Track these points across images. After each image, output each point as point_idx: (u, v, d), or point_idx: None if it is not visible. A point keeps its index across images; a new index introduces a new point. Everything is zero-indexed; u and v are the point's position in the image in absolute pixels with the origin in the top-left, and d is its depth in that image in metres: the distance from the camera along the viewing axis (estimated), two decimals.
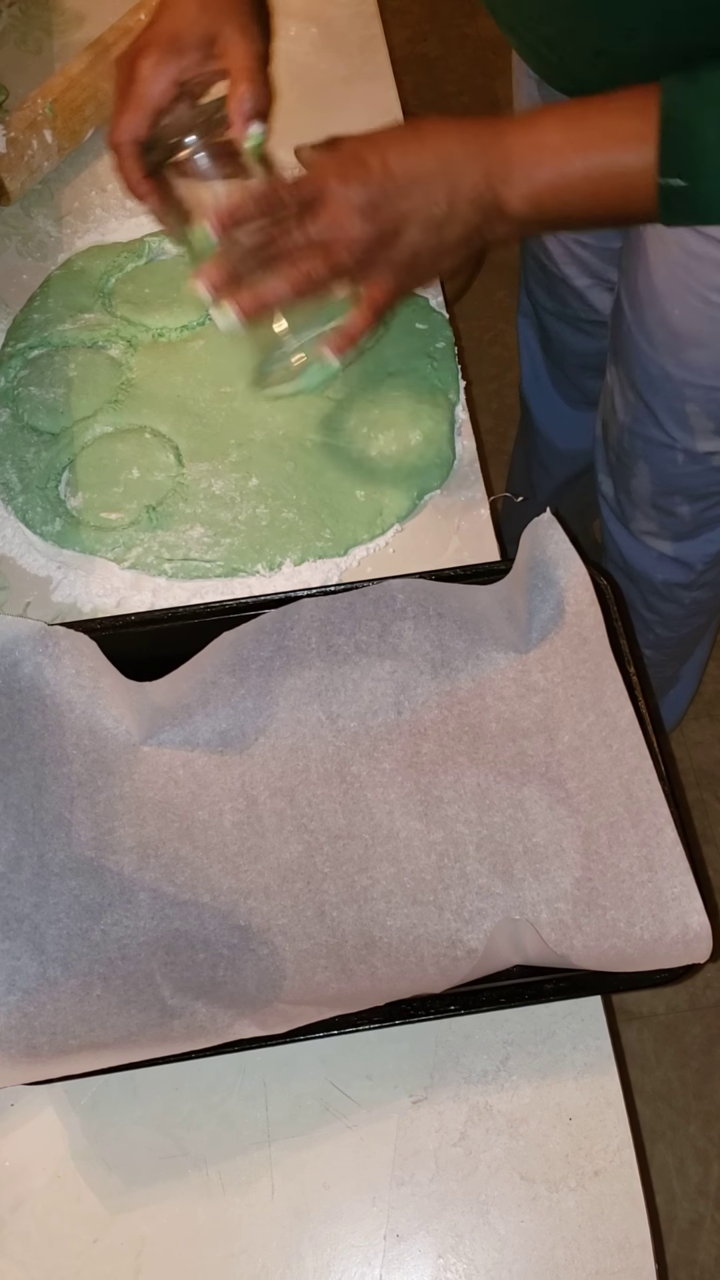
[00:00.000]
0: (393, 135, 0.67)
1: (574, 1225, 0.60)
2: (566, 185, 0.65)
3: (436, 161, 0.65)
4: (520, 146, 0.65)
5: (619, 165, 0.64)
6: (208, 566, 0.77)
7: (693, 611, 1.17)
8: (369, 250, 0.66)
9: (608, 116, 0.65)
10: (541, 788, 0.66)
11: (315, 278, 0.66)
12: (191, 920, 0.63)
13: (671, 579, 1.10)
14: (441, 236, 0.66)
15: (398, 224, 0.66)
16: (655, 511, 1.02)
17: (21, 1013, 0.59)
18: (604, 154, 0.64)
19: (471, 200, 0.66)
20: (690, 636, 1.25)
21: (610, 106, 0.65)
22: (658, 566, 1.09)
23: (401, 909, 0.63)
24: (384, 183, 0.65)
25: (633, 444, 0.98)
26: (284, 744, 0.69)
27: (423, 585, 0.70)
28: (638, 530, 1.07)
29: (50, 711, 0.68)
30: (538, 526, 0.69)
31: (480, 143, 0.66)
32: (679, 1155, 1.38)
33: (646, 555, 1.09)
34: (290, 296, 0.67)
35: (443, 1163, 0.61)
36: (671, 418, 0.91)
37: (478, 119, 0.67)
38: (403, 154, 0.65)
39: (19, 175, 0.94)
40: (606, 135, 0.64)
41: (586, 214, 0.67)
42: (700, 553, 1.06)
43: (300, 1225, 0.60)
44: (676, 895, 0.61)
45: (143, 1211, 0.60)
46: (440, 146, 0.66)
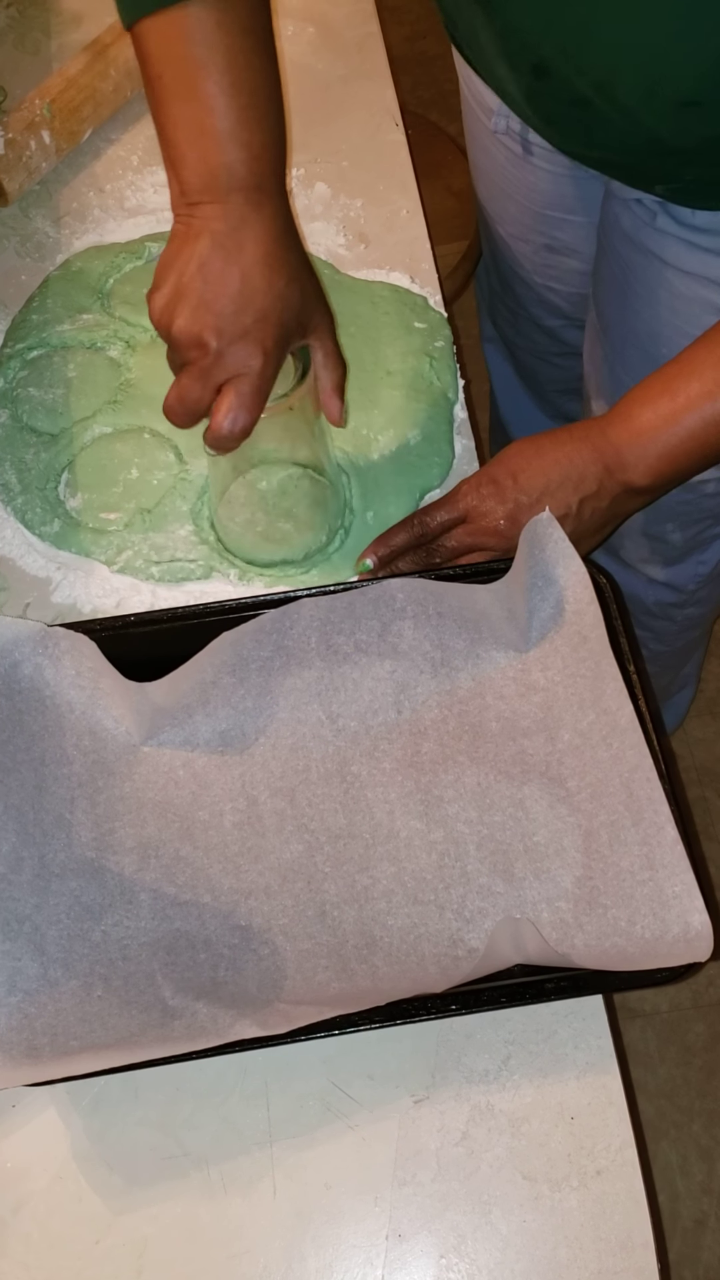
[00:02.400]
0: (518, 457, 0.74)
1: (576, 1225, 0.60)
2: (678, 451, 0.72)
3: (560, 470, 0.73)
4: (624, 437, 0.72)
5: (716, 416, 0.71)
6: (191, 566, 0.77)
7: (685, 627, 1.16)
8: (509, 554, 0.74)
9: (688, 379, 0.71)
10: (542, 786, 0.66)
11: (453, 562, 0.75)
12: (192, 921, 0.63)
13: (663, 600, 1.10)
14: (577, 527, 0.74)
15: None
16: (646, 540, 1.02)
17: (23, 1014, 0.59)
18: (700, 414, 0.71)
19: (597, 493, 0.74)
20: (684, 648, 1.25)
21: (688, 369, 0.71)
22: (648, 590, 1.09)
23: (402, 908, 0.63)
24: (518, 496, 0.73)
25: None
26: (284, 744, 0.69)
27: (422, 584, 0.70)
28: (628, 558, 1.06)
29: (50, 712, 0.68)
30: (537, 525, 0.69)
31: (589, 440, 0.73)
32: (682, 1153, 1.38)
33: (636, 580, 1.09)
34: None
35: (444, 1162, 0.61)
36: None
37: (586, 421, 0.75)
38: (529, 471, 0.73)
39: (17, 176, 0.94)
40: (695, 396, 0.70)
41: (705, 460, 0.74)
42: (690, 574, 1.06)
43: (302, 1225, 0.60)
44: (677, 894, 0.61)
45: (145, 1212, 0.60)
46: (561, 456, 0.73)
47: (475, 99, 0.95)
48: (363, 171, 0.97)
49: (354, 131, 1.00)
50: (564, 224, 0.98)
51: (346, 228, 0.94)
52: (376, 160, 0.98)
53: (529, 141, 0.91)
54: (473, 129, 1.00)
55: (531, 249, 1.04)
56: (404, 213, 0.95)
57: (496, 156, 0.97)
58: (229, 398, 0.65)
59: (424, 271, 0.92)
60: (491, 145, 0.96)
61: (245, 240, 0.66)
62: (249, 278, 0.66)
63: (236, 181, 0.66)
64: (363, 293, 0.89)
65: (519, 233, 1.03)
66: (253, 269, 0.66)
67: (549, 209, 0.96)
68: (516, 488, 0.73)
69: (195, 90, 0.65)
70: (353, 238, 0.94)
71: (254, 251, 0.66)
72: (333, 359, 0.72)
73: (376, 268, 0.92)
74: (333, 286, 0.89)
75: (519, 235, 1.03)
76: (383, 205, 0.95)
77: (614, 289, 0.90)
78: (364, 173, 0.97)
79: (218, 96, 0.65)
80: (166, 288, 0.67)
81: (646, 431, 0.72)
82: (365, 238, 0.94)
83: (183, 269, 0.66)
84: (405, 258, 0.93)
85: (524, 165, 0.94)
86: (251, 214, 0.66)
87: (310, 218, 0.94)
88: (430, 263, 0.93)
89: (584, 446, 0.73)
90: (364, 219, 0.95)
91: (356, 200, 0.95)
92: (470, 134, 1.01)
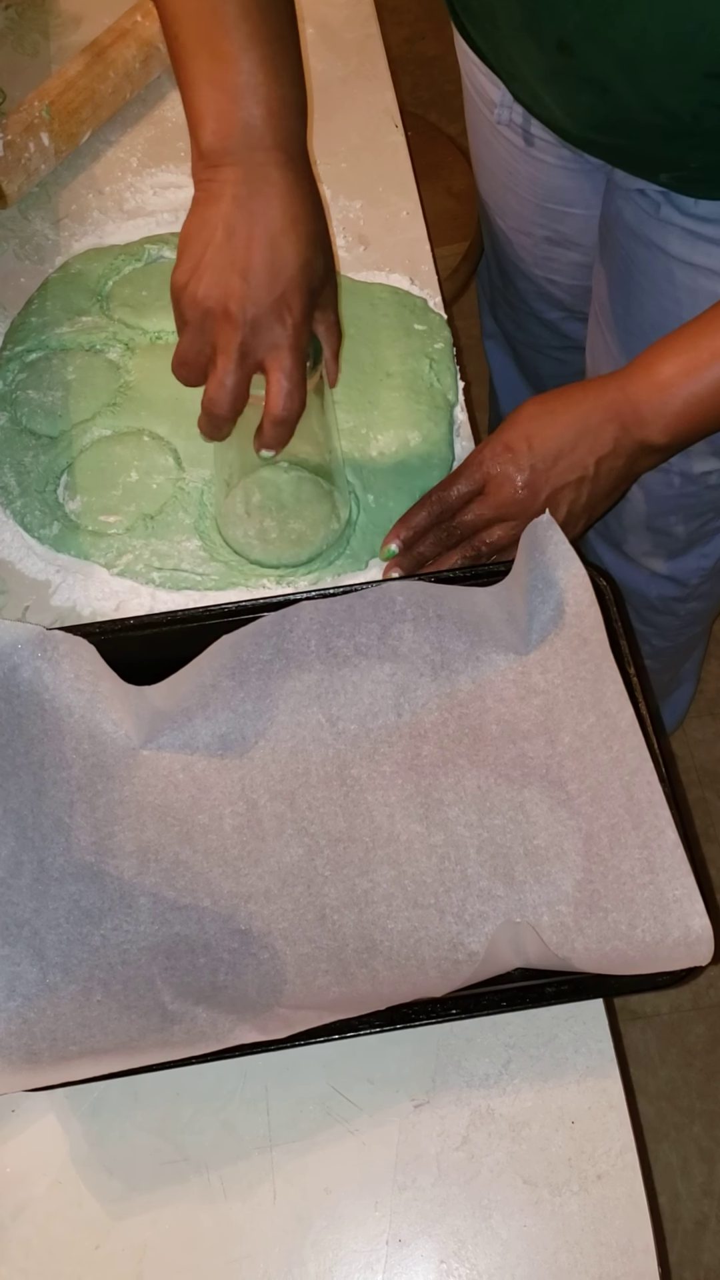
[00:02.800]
0: (531, 421, 0.73)
1: (577, 1229, 0.59)
2: (698, 407, 0.71)
3: (574, 429, 0.72)
4: (643, 390, 0.71)
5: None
6: (198, 579, 0.77)
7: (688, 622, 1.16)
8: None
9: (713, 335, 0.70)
10: (542, 790, 0.66)
11: (488, 552, 0.75)
12: (192, 925, 0.63)
13: (666, 594, 1.10)
14: (594, 489, 0.74)
15: (555, 490, 0.73)
16: (650, 533, 1.02)
17: (22, 1019, 0.59)
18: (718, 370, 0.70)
19: (613, 452, 0.73)
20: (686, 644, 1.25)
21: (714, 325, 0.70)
22: (650, 584, 1.09)
23: (402, 912, 0.63)
24: (534, 461, 0.72)
25: None
26: (284, 747, 0.68)
27: (422, 587, 0.70)
28: (630, 552, 1.06)
29: (49, 716, 0.68)
30: (537, 528, 0.69)
31: (604, 396, 0.72)
32: (683, 1155, 1.38)
33: (638, 574, 1.08)
34: (458, 566, 0.75)
35: (445, 1167, 0.61)
36: None
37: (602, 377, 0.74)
38: (544, 435, 0.72)
39: (16, 178, 0.94)
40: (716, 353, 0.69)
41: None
42: (694, 568, 1.05)
43: (302, 1230, 0.60)
44: (678, 897, 0.61)
45: (144, 1217, 0.60)
46: (572, 411, 0.73)
47: (478, 91, 0.95)
48: (362, 173, 0.97)
49: (353, 133, 1.00)
50: (565, 216, 0.97)
51: (346, 229, 0.94)
52: (376, 162, 0.98)
53: (531, 133, 0.91)
54: (475, 121, 1.00)
55: (533, 242, 1.03)
56: (404, 214, 0.95)
57: (498, 149, 0.97)
58: (276, 378, 0.63)
59: (424, 273, 0.92)
60: (493, 138, 0.96)
61: (270, 203, 0.63)
62: (277, 244, 0.63)
63: (256, 140, 0.63)
64: (362, 295, 0.89)
65: (520, 225, 1.03)
66: (280, 235, 0.63)
67: (550, 201, 0.96)
68: (531, 453, 0.72)
69: (212, 45, 0.63)
70: (352, 239, 0.93)
71: (280, 216, 0.63)
72: (335, 329, 0.72)
73: (376, 269, 0.92)
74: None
75: (520, 228, 1.03)
76: (382, 207, 0.95)
77: (617, 282, 0.89)
78: (363, 174, 0.97)
79: (235, 51, 0.62)
80: (190, 256, 0.63)
81: (667, 386, 0.70)
82: (365, 239, 0.93)
83: (209, 237, 0.63)
84: (405, 259, 0.93)
85: (525, 157, 0.93)
86: (275, 174, 0.64)
87: None
88: (430, 264, 0.92)
89: (599, 404, 0.72)
90: (363, 220, 0.95)
91: (356, 202, 0.95)
92: (472, 126, 1.01)
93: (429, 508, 0.75)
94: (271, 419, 0.64)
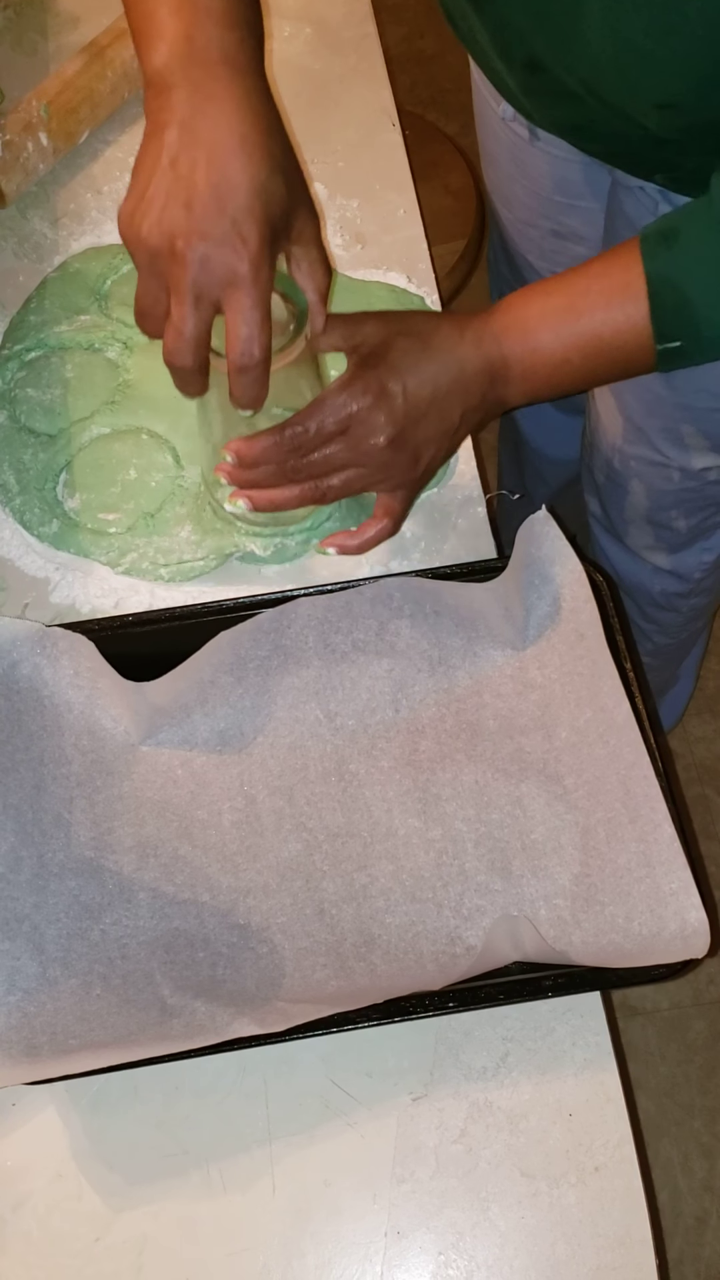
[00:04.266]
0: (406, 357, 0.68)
1: (574, 1221, 0.60)
2: (564, 376, 0.70)
3: (449, 378, 0.68)
4: (518, 351, 0.69)
5: (612, 341, 0.68)
6: (201, 564, 0.77)
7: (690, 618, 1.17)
8: (390, 476, 0.70)
9: (593, 295, 0.67)
10: (539, 784, 0.66)
11: (329, 497, 0.70)
12: (191, 919, 0.63)
13: (669, 589, 1.10)
14: (453, 441, 0.72)
15: (419, 446, 0.70)
16: (651, 526, 1.02)
17: (22, 1013, 0.60)
18: (596, 341, 0.68)
19: (479, 405, 0.70)
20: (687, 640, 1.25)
21: (595, 287, 0.68)
22: (654, 579, 1.09)
23: (400, 906, 0.63)
24: (406, 411, 0.67)
25: (625, 465, 0.98)
26: (282, 743, 0.69)
27: (420, 583, 0.70)
28: (633, 545, 1.06)
29: (49, 712, 0.68)
30: (533, 524, 0.69)
31: (483, 350, 0.69)
32: (684, 1151, 1.38)
33: (642, 569, 1.09)
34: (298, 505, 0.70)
35: (443, 1160, 0.61)
36: (666, 439, 0.91)
37: (477, 319, 0.70)
38: (419, 377, 0.67)
39: (14, 178, 0.94)
40: (595, 323, 0.67)
41: (584, 385, 0.72)
42: (696, 562, 1.06)
43: (301, 1223, 0.60)
44: (674, 891, 0.61)
45: (144, 1210, 0.61)
46: (450, 359, 0.68)
47: (485, 84, 0.95)
48: (359, 171, 0.97)
49: (351, 131, 1.00)
50: (571, 210, 0.97)
51: (343, 228, 0.94)
52: (373, 160, 0.98)
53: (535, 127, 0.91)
54: (482, 113, 1.00)
55: (539, 234, 1.03)
56: (401, 212, 0.95)
57: (505, 142, 0.97)
58: (234, 322, 0.57)
59: (421, 271, 0.92)
60: (500, 130, 0.96)
61: (217, 122, 0.57)
62: (224, 168, 0.57)
63: (200, 55, 0.58)
64: (359, 293, 0.89)
65: (527, 218, 1.03)
66: (228, 158, 0.57)
67: (556, 195, 0.96)
68: (406, 402, 0.67)
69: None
70: (349, 238, 0.94)
71: (226, 136, 0.57)
72: (320, 265, 0.65)
73: (373, 268, 0.92)
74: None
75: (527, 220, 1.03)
76: (379, 205, 0.96)
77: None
78: (361, 172, 0.97)
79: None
80: (134, 192, 0.58)
81: (539, 351, 0.68)
82: (362, 238, 0.94)
83: (150, 168, 0.58)
84: (402, 257, 0.93)
85: (531, 151, 0.94)
86: (221, 90, 0.58)
87: None
88: (427, 262, 0.93)
89: (475, 353, 0.69)
90: (361, 219, 0.95)
91: (353, 200, 0.96)
92: (480, 118, 1.01)
93: (281, 442, 0.67)
94: (234, 369, 0.59)
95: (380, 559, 0.79)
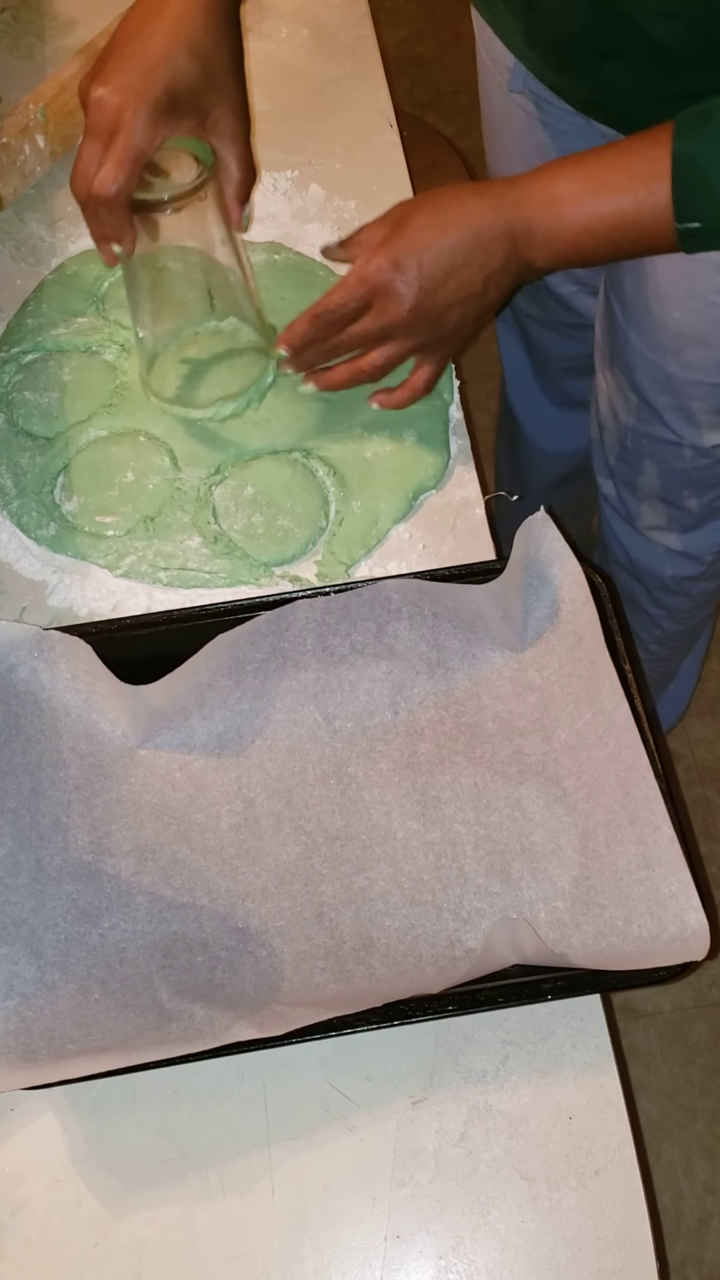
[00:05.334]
0: (421, 232, 0.72)
1: (575, 1225, 0.59)
2: (588, 238, 0.71)
3: (466, 245, 0.71)
4: (539, 209, 0.70)
5: (635, 216, 0.69)
6: (207, 577, 0.77)
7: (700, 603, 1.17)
8: (421, 341, 0.75)
9: (620, 169, 0.69)
10: (538, 786, 0.66)
11: (373, 371, 0.77)
12: (189, 923, 0.63)
13: (681, 573, 1.10)
14: (482, 305, 0.74)
15: (443, 310, 0.73)
16: (664, 505, 1.02)
17: (20, 1017, 0.59)
18: (619, 207, 0.69)
19: (503, 269, 0.73)
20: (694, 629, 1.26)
21: (623, 158, 0.69)
22: (665, 561, 1.09)
23: (399, 909, 0.63)
24: (423, 280, 0.71)
25: (637, 443, 0.98)
26: (281, 746, 0.69)
27: (418, 585, 0.70)
28: (644, 526, 1.07)
29: (46, 716, 0.68)
30: (532, 525, 0.69)
31: (500, 213, 0.71)
32: (686, 1153, 1.38)
33: (653, 551, 1.09)
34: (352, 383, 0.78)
35: (443, 1163, 0.61)
36: (677, 416, 0.91)
37: (496, 183, 0.72)
38: (435, 249, 0.71)
39: (11, 180, 0.94)
40: (620, 188, 0.68)
41: (609, 257, 0.73)
42: (708, 543, 1.06)
43: (301, 1227, 0.60)
44: (674, 893, 0.61)
45: (143, 1215, 0.60)
46: (466, 226, 0.71)
47: (492, 58, 0.95)
48: (357, 173, 0.97)
49: (348, 134, 1.00)
50: None
51: (341, 229, 0.94)
52: (371, 162, 0.98)
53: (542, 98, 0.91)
54: (488, 89, 1.00)
55: None
56: None
57: (511, 119, 0.97)
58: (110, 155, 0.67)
59: None
60: (506, 106, 0.96)
61: (165, 8, 0.69)
62: (149, 39, 0.68)
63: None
64: None
65: None
66: (155, 32, 0.69)
67: None
68: (421, 271, 0.71)
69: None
70: None
71: (167, 21, 0.69)
72: (242, 162, 0.74)
73: None
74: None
75: None
76: (377, 207, 0.95)
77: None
78: (358, 175, 0.97)
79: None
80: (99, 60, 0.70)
81: (561, 210, 0.70)
82: None
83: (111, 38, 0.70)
84: None
85: (538, 126, 0.94)
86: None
87: (304, 220, 0.94)
88: None
89: (494, 218, 0.71)
90: (358, 221, 0.94)
91: (350, 202, 0.96)
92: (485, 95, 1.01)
93: (314, 321, 0.74)
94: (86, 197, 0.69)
95: (378, 561, 0.78)
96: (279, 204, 0.95)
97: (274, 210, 0.95)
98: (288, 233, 0.94)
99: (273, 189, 0.96)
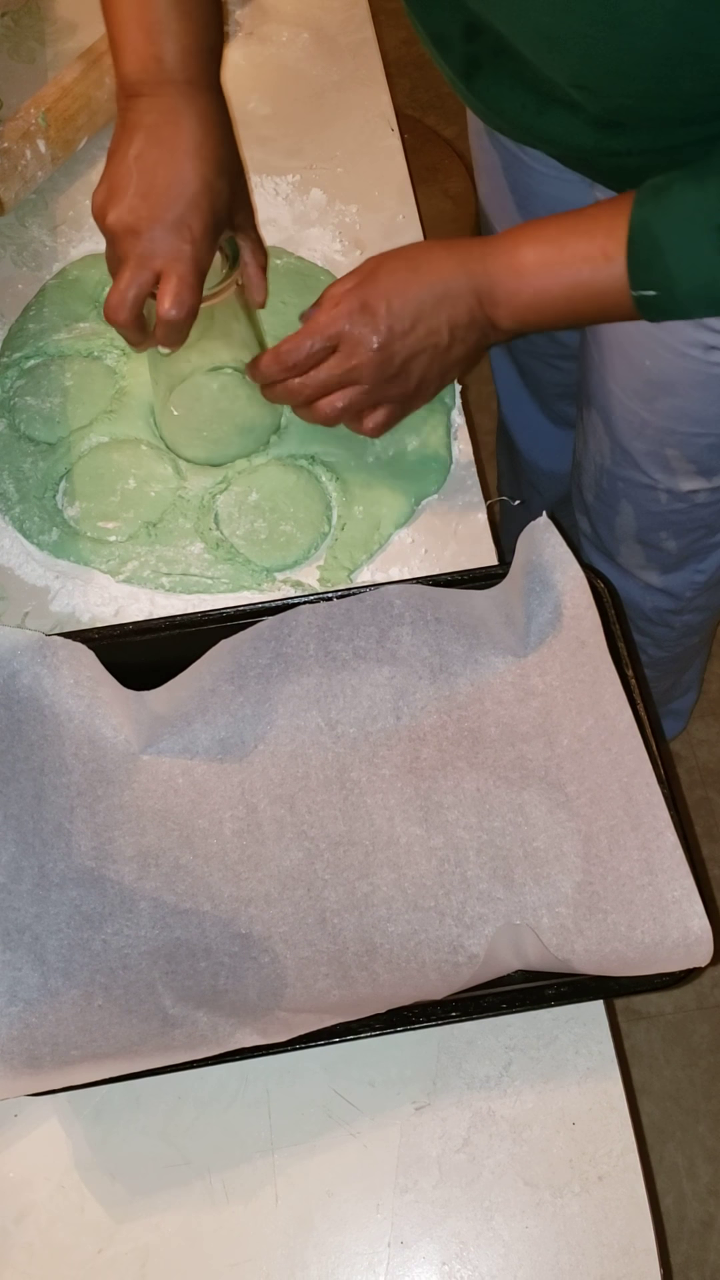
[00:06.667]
0: (390, 278, 0.73)
1: (578, 1230, 0.60)
2: (547, 304, 0.71)
3: (434, 296, 0.72)
4: (502, 270, 0.71)
5: (592, 284, 0.69)
6: (209, 583, 0.77)
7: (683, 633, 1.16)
8: (383, 388, 0.75)
9: (580, 236, 0.70)
10: (541, 792, 0.66)
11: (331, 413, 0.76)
12: (192, 929, 0.63)
13: (660, 606, 1.10)
14: (446, 359, 0.74)
15: (408, 358, 0.73)
16: (641, 546, 1.02)
17: (23, 1024, 0.60)
18: (577, 274, 0.70)
19: (469, 324, 0.73)
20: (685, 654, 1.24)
21: (585, 224, 0.70)
22: (645, 595, 1.09)
23: (402, 915, 0.63)
24: (390, 323, 0.72)
25: (613, 485, 0.97)
26: (283, 751, 0.69)
27: (420, 590, 0.70)
28: (624, 563, 1.06)
29: (49, 721, 0.68)
30: (534, 530, 0.69)
31: (468, 269, 0.72)
32: (689, 1155, 1.37)
33: (633, 585, 1.08)
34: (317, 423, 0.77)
35: (446, 1169, 0.61)
36: (651, 461, 0.91)
37: (467, 241, 0.74)
38: (404, 296, 0.72)
39: (13, 185, 0.94)
40: (580, 256, 0.69)
41: (571, 323, 0.73)
42: (688, 582, 1.05)
43: (304, 1233, 0.60)
44: (677, 899, 0.61)
45: (147, 1221, 0.60)
46: (435, 276, 0.72)
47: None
48: (358, 177, 0.97)
49: (349, 137, 1.00)
50: None
51: (342, 234, 0.94)
52: (372, 166, 0.98)
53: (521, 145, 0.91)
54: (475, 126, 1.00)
55: None
56: (400, 218, 0.95)
57: (494, 156, 0.97)
58: (170, 282, 0.68)
59: None
60: (491, 144, 0.96)
61: (178, 132, 0.70)
62: (180, 169, 0.70)
63: (168, 74, 0.71)
64: None
65: None
66: (184, 160, 0.70)
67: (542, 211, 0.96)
68: (390, 314, 0.72)
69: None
70: (348, 244, 0.94)
71: (186, 143, 0.70)
72: (256, 246, 0.79)
73: None
74: None
75: None
76: (378, 211, 0.95)
77: None
78: (359, 178, 0.97)
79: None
80: (105, 183, 0.71)
81: (523, 274, 0.70)
82: (361, 244, 0.94)
83: (120, 162, 0.71)
84: None
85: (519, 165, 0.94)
86: (184, 106, 0.71)
87: (306, 224, 0.94)
88: None
89: (460, 272, 0.72)
90: (360, 225, 0.95)
91: (352, 206, 0.95)
92: (472, 131, 1.02)
93: (279, 359, 0.74)
94: (161, 318, 0.68)
95: (380, 566, 0.78)
96: (280, 209, 0.95)
97: (275, 215, 0.95)
98: (289, 237, 0.94)
99: (274, 194, 0.96)
